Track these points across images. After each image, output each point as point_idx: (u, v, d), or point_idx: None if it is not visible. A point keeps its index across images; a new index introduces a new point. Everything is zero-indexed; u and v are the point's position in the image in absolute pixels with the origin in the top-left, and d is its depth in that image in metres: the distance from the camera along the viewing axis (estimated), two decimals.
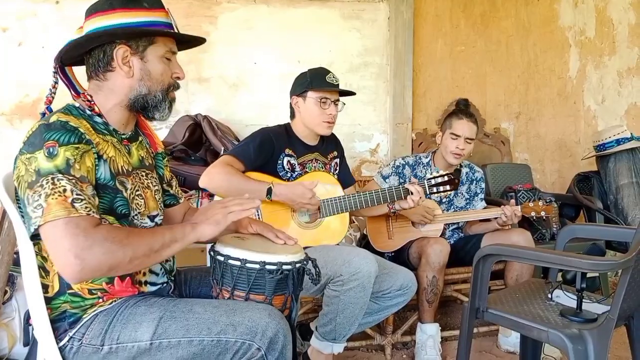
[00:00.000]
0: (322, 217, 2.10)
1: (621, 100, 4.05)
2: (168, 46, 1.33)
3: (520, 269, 2.41)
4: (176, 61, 1.37)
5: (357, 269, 1.82)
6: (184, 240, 1.24)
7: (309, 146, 2.22)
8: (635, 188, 3.20)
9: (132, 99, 1.31)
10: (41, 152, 1.13)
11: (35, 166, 1.12)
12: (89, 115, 1.30)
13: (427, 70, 3.60)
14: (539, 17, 3.82)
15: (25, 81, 3.01)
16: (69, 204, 1.09)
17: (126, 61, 1.28)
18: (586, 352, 1.42)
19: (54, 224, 1.08)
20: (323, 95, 2.13)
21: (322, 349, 1.97)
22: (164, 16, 1.31)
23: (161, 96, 1.33)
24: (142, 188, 1.37)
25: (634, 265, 1.42)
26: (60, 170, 1.12)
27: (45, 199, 1.09)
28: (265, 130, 2.16)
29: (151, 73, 1.31)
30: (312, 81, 2.13)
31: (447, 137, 2.55)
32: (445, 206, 2.66)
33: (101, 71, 1.30)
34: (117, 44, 1.27)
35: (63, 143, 1.15)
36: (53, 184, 1.10)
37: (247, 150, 2.06)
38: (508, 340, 2.48)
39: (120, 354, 1.20)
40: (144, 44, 1.29)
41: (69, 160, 1.14)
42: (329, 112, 2.14)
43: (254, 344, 1.17)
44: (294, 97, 2.18)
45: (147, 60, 1.30)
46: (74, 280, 1.13)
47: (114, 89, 1.31)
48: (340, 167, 2.36)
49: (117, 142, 1.33)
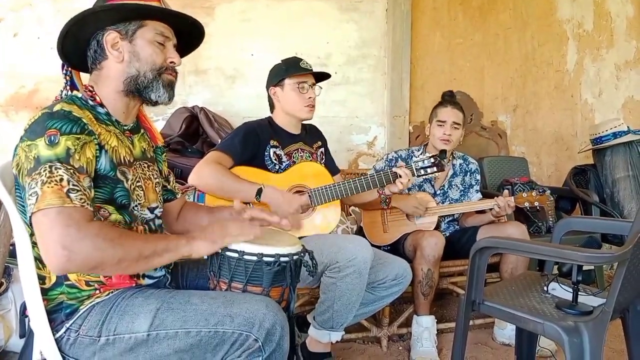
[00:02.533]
0: (313, 206, 2.10)
1: (618, 93, 4.05)
2: (159, 30, 1.32)
3: (515, 261, 2.42)
4: (172, 47, 1.36)
5: (353, 255, 1.83)
6: (177, 252, 1.23)
7: (293, 135, 2.24)
8: (631, 181, 3.21)
9: (125, 82, 1.31)
10: (42, 139, 1.13)
11: (35, 153, 1.12)
12: (91, 105, 1.30)
13: (424, 63, 3.60)
14: (537, 9, 3.82)
15: (20, 72, 2.99)
16: (64, 194, 1.09)
17: (116, 47, 1.29)
18: (582, 344, 1.42)
19: (46, 212, 1.07)
20: (300, 80, 2.17)
21: (320, 337, 1.98)
22: (154, 1, 1.31)
23: (151, 76, 1.32)
24: (143, 179, 1.37)
25: (630, 258, 1.42)
26: (59, 159, 1.12)
27: (41, 187, 1.09)
28: (247, 124, 2.18)
29: (139, 54, 1.31)
30: (288, 69, 2.17)
31: (434, 126, 2.62)
32: (440, 198, 2.66)
33: (98, 61, 1.31)
34: (107, 30, 1.28)
35: (65, 132, 1.15)
36: (50, 172, 1.10)
37: (233, 145, 2.06)
38: (504, 332, 2.49)
39: (117, 345, 1.19)
40: (133, 28, 1.30)
41: (69, 150, 1.14)
42: (309, 96, 2.19)
43: (252, 335, 1.17)
44: (271, 88, 2.22)
45: (135, 44, 1.30)
46: (58, 272, 1.11)
47: (109, 76, 1.32)
48: (326, 156, 2.38)
49: (120, 132, 1.33)
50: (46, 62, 2.96)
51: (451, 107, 2.59)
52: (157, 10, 1.31)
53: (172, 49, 1.37)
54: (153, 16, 1.31)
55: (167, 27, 1.35)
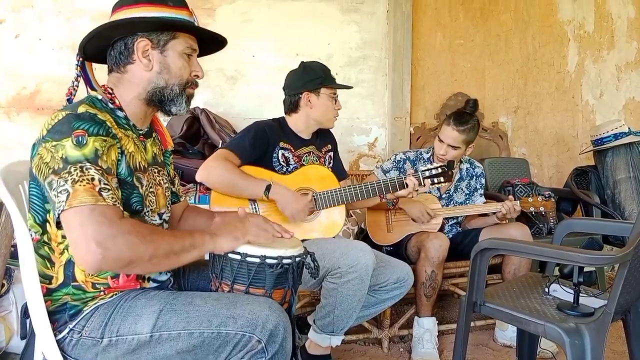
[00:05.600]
0: (318, 209, 2.10)
1: (619, 94, 4.05)
2: (189, 43, 1.34)
3: (517, 263, 2.42)
4: (196, 60, 1.38)
5: (355, 262, 1.83)
6: (202, 248, 1.25)
7: (305, 140, 2.24)
8: (632, 182, 3.21)
9: (150, 91, 1.32)
10: (69, 140, 1.12)
11: (62, 154, 1.12)
12: (111, 108, 1.30)
13: (425, 64, 3.60)
14: (538, 10, 3.82)
15: (22, 73, 2.98)
16: (97, 192, 1.09)
17: (146, 54, 1.29)
18: (583, 345, 1.43)
19: (79, 210, 1.07)
20: (334, 92, 2.21)
21: (320, 341, 1.98)
22: (187, 14, 1.32)
23: (178, 90, 1.34)
24: (154, 185, 1.38)
25: (631, 260, 1.42)
26: (88, 160, 1.12)
27: (72, 185, 1.08)
28: (258, 124, 2.17)
29: (170, 67, 1.32)
30: (326, 78, 2.19)
31: (437, 139, 2.58)
32: (445, 201, 2.66)
33: (122, 63, 1.31)
34: (139, 36, 1.28)
35: (92, 133, 1.15)
36: (82, 172, 1.10)
37: (242, 144, 2.06)
38: (505, 334, 2.49)
39: (119, 346, 1.20)
40: (165, 39, 1.30)
41: (97, 151, 1.14)
42: (337, 107, 2.24)
43: (254, 337, 1.17)
44: (306, 93, 2.17)
45: (166, 55, 1.31)
46: (93, 270, 1.11)
47: (132, 82, 1.32)
48: (334, 160, 2.37)
49: (136, 137, 1.34)
50: (48, 63, 2.96)
51: (454, 128, 2.48)
52: (194, 28, 1.33)
53: (197, 62, 1.38)
54: (187, 30, 1.33)
55: (195, 40, 1.37)
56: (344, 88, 2.25)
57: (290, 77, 2.24)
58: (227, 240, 1.28)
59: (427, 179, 2.16)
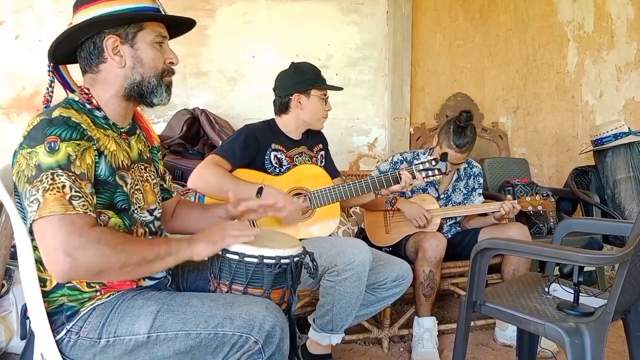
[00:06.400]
0: (312, 208, 2.10)
1: (619, 95, 4.05)
2: (157, 31, 1.31)
3: (517, 262, 2.42)
4: (168, 46, 1.35)
5: (352, 259, 1.83)
6: (178, 255, 1.23)
7: (295, 140, 2.24)
8: (632, 182, 3.21)
9: (127, 88, 1.30)
10: (42, 146, 1.12)
11: (35, 161, 1.11)
12: (88, 109, 1.28)
13: (425, 65, 3.60)
14: (537, 11, 3.82)
15: (22, 75, 2.99)
16: (67, 201, 1.09)
17: (117, 51, 1.27)
18: (583, 345, 1.42)
19: (48, 220, 1.07)
20: (325, 93, 2.21)
21: (320, 340, 1.98)
22: (149, 1, 1.29)
23: (155, 81, 1.31)
24: (141, 182, 1.37)
25: (631, 260, 1.42)
26: (60, 166, 1.11)
27: (42, 194, 1.08)
28: (248, 127, 2.18)
29: (143, 60, 1.29)
30: (316, 79, 2.18)
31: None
32: (443, 201, 2.66)
33: (94, 64, 1.29)
34: (106, 34, 1.25)
35: (65, 139, 1.14)
36: (52, 180, 1.09)
37: (232, 149, 2.06)
38: (505, 333, 2.49)
39: (117, 347, 1.20)
40: (133, 31, 1.27)
41: (69, 156, 1.13)
42: (327, 108, 2.24)
43: (251, 337, 1.17)
44: (296, 95, 2.17)
45: (137, 48, 1.28)
46: (62, 279, 1.11)
47: (108, 80, 1.30)
48: (326, 159, 2.37)
49: (117, 136, 1.32)
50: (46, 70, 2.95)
51: (456, 151, 2.45)
52: (160, 17, 1.30)
53: (169, 48, 1.35)
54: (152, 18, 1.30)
55: (163, 26, 1.33)
56: (334, 89, 2.25)
57: (280, 78, 2.24)
58: (205, 245, 1.26)
59: (420, 172, 2.16)
